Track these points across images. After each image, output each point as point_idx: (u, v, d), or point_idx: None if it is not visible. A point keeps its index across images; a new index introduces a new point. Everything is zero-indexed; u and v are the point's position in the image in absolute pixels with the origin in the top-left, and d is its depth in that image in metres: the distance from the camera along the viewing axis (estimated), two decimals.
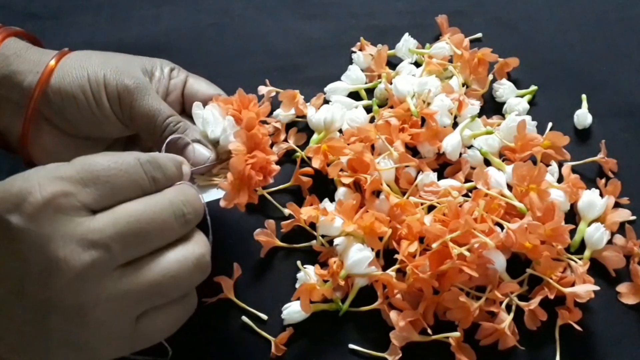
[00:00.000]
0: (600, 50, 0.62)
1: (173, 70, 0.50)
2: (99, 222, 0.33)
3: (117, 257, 0.33)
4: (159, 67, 0.49)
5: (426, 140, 0.52)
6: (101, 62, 0.46)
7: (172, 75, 0.50)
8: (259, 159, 0.44)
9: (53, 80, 0.44)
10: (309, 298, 0.46)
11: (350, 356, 0.46)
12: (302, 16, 0.66)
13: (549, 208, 0.46)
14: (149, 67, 0.49)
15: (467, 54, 0.57)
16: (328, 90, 0.58)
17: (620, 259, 0.48)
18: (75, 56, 0.47)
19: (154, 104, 0.45)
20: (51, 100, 0.44)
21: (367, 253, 0.46)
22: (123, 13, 0.67)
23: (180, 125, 0.46)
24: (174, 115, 0.46)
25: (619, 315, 0.47)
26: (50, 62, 0.45)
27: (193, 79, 0.51)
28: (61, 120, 0.45)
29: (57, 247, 0.32)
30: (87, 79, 0.44)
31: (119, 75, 0.45)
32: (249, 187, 0.44)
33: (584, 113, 0.56)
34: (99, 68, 0.45)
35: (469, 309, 0.44)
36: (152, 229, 0.34)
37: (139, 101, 0.45)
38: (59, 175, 0.33)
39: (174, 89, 0.50)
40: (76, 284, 0.32)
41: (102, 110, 0.45)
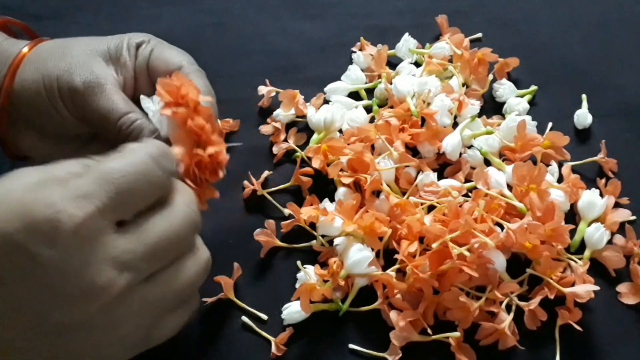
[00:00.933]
0: (600, 50, 0.62)
1: (140, 45, 0.46)
2: (129, 243, 0.32)
3: (145, 274, 0.33)
4: (125, 46, 0.46)
5: (426, 140, 0.52)
6: (57, 60, 0.44)
7: (138, 53, 0.46)
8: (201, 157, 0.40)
9: (16, 85, 0.43)
10: (309, 298, 0.46)
11: (350, 356, 0.46)
12: (302, 16, 0.66)
13: (549, 208, 0.46)
14: (114, 50, 0.45)
15: (467, 54, 0.57)
16: (328, 90, 0.58)
17: (620, 259, 0.48)
18: (35, 54, 0.45)
19: (105, 104, 0.42)
20: (16, 104, 0.44)
21: (367, 253, 0.46)
22: (123, 13, 0.67)
23: (134, 127, 0.42)
24: (129, 113, 0.43)
25: (619, 315, 0.47)
26: (14, 61, 0.44)
27: (158, 49, 0.46)
28: (30, 122, 0.45)
29: (94, 274, 0.31)
30: (42, 83, 0.43)
31: (70, 75, 0.43)
32: (201, 184, 0.41)
33: (584, 113, 0.56)
34: (54, 69, 0.43)
35: (469, 309, 0.44)
36: (174, 245, 0.34)
37: (89, 102, 0.42)
38: (81, 195, 0.31)
39: (142, 67, 0.46)
40: (110, 306, 0.31)
41: (61, 113, 0.43)
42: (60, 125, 0.45)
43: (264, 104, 0.59)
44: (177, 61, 0.46)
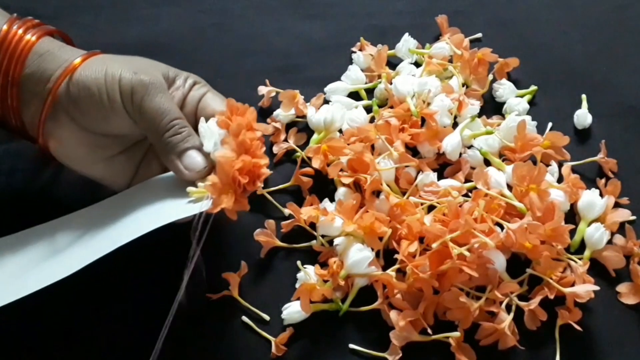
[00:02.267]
0: (600, 50, 0.62)
1: (196, 84, 0.50)
2: None
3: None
4: (183, 77, 0.49)
5: (426, 140, 0.52)
6: (124, 62, 0.46)
7: (193, 88, 0.49)
8: (245, 163, 0.43)
9: (76, 74, 0.45)
10: (309, 298, 0.46)
11: (350, 356, 0.46)
12: (302, 16, 0.66)
13: (549, 208, 0.46)
14: (172, 75, 0.49)
15: (467, 54, 0.57)
16: (328, 90, 0.58)
17: (620, 259, 0.48)
18: (102, 56, 0.47)
19: (164, 103, 0.45)
20: (70, 91, 0.45)
21: (367, 253, 0.46)
22: (123, 13, 0.67)
23: (184, 130, 0.45)
24: (181, 119, 0.46)
25: (619, 315, 0.47)
26: (76, 60, 0.46)
27: (212, 94, 0.50)
28: (76, 112, 0.46)
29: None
30: (104, 73, 0.45)
31: (136, 73, 0.45)
32: (236, 191, 0.43)
33: (583, 113, 0.56)
34: (119, 66, 0.46)
35: (469, 309, 0.44)
36: None
37: (151, 96, 0.45)
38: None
39: (191, 101, 0.49)
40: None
41: (112, 103, 0.45)
42: (104, 117, 0.45)
43: (264, 104, 0.59)
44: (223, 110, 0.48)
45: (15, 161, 0.56)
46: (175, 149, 0.45)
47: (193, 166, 0.44)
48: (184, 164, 0.44)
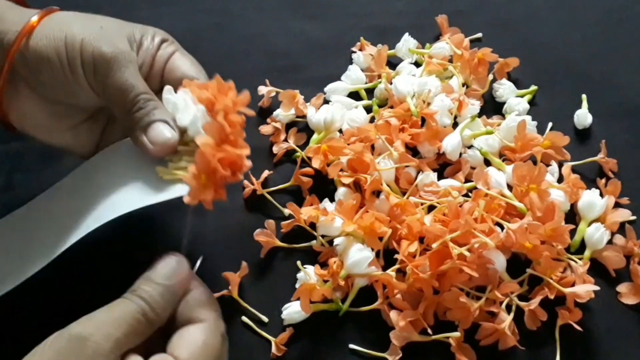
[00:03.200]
0: (600, 50, 0.62)
1: (164, 41, 0.47)
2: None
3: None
4: (150, 36, 0.46)
5: (426, 140, 0.52)
6: (84, 25, 0.43)
7: (161, 47, 0.46)
8: (228, 154, 0.40)
9: (31, 40, 0.42)
10: (309, 298, 0.46)
11: (350, 356, 0.46)
12: (302, 16, 0.66)
13: (549, 208, 0.46)
14: (138, 35, 0.45)
15: (467, 54, 0.57)
16: (328, 90, 0.58)
17: (621, 259, 0.48)
18: (58, 16, 0.44)
19: (129, 79, 0.42)
20: (27, 60, 0.42)
21: (367, 253, 0.46)
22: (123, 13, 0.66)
23: (149, 104, 0.42)
24: (147, 93, 0.43)
25: (619, 315, 0.47)
26: (31, 20, 0.42)
27: (180, 54, 0.47)
28: (36, 83, 0.44)
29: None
30: (64, 41, 0.42)
31: (98, 42, 0.42)
32: (215, 183, 0.40)
33: (584, 113, 0.56)
34: (79, 31, 0.42)
35: (469, 309, 0.44)
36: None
37: (115, 72, 0.42)
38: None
39: (159, 60, 0.46)
40: None
41: (76, 77, 0.43)
42: (68, 90, 0.44)
43: (264, 104, 0.59)
44: (192, 74, 0.46)
45: (16, 161, 0.56)
46: (140, 123, 0.42)
47: (158, 138, 0.41)
48: (149, 137, 0.41)
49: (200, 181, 0.39)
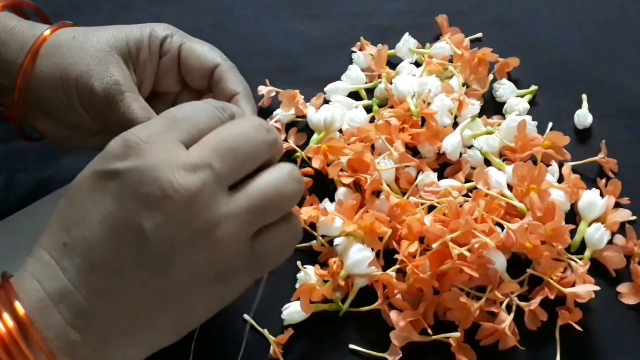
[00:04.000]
0: (600, 50, 0.62)
1: (165, 40, 0.46)
2: (196, 149, 0.33)
3: (222, 175, 0.33)
4: (147, 41, 0.45)
5: (426, 140, 0.52)
6: (75, 56, 0.43)
7: (163, 50, 0.46)
8: None
9: (35, 73, 0.43)
10: (309, 298, 0.46)
11: (350, 356, 0.46)
12: (302, 16, 0.66)
13: (549, 208, 0.46)
14: (134, 46, 0.44)
15: (468, 54, 0.57)
16: (328, 90, 0.58)
17: (621, 259, 0.48)
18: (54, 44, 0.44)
19: (127, 112, 0.42)
20: (33, 92, 0.44)
21: (367, 253, 0.46)
22: (123, 13, 0.67)
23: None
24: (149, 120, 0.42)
25: (619, 315, 0.47)
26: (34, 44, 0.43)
27: (187, 45, 0.46)
28: (45, 111, 0.45)
29: (167, 174, 0.32)
30: (60, 80, 0.43)
31: (90, 79, 0.42)
32: None
33: (584, 113, 0.56)
34: (72, 68, 0.43)
35: (469, 309, 0.44)
36: (246, 147, 0.34)
37: (110, 109, 0.42)
38: (148, 124, 0.34)
39: (169, 59, 0.46)
40: (195, 206, 0.32)
41: (78, 113, 0.44)
42: (75, 119, 0.45)
43: (264, 104, 0.59)
44: (211, 58, 0.46)
45: (16, 161, 0.56)
46: None
47: None
48: None
49: None
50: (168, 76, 0.47)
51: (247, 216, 0.34)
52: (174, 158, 0.32)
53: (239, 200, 0.34)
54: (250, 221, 0.34)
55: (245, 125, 0.36)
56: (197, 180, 0.32)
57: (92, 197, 0.32)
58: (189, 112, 0.35)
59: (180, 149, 0.33)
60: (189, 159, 0.33)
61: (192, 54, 0.46)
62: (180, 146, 0.33)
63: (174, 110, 0.35)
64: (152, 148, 0.33)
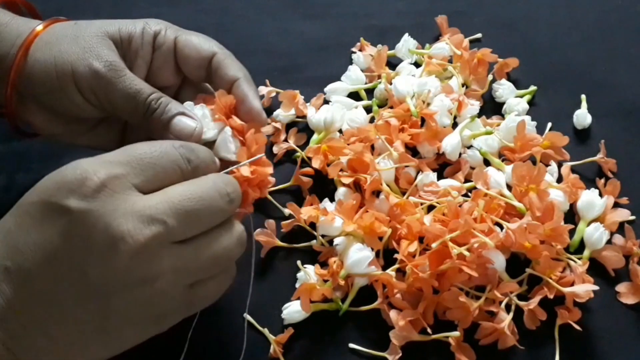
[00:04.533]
0: (600, 50, 0.62)
1: (159, 33, 0.46)
2: (153, 200, 0.34)
3: (174, 232, 0.34)
4: (139, 33, 0.45)
5: (426, 141, 0.52)
6: (70, 43, 0.43)
7: (157, 44, 0.46)
8: (259, 174, 0.43)
9: (28, 63, 0.43)
10: (309, 298, 0.46)
11: (350, 356, 0.46)
12: (302, 16, 0.66)
13: (549, 208, 0.46)
14: (126, 35, 0.45)
15: (467, 54, 0.57)
16: (328, 90, 0.58)
17: (620, 259, 0.48)
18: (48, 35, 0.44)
19: (132, 85, 0.43)
20: (26, 83, 0.44)
21: (367, 253, 0.46)
22: (123, 13, 0.67)
23: (161, 101, 0.43)
24: (154, 92, 0.43)
25: (618, 315, 0.47)
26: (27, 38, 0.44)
27: (182, 38, 0.46)
28: (40, 102, 0.45)
29: (120, 223, 0.32)
30: (54, 65, 0.43)
31: (87, 60, 0.42)
32: (245, 201, 0.42)
33: (583, 113, 0.56)
34: (67, 53, 0.43)
35: (468, 309, 0.44)
36: (202, 207, 0.35)
37: (115, 85, 0.42)
38: (108, 160, 0.34)
39: (163, 52, 0.46)
40: (141, 257, 0.33)
41: (71, 96, 0.43)
42: (69, 108, 0.45)
43: (264, 104, 0.59)
44: (207, 47, 0.46)
45: (17, 161, 0.56)
46: (160, 124, 0.43)
47: (183, 132, 0.42)
48: (175, 133, 0.42)
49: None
50: (165, 69, 0.46)
51: (191, 272, 0.35)
52: (129, 207, 0.33)
53: (185, 258, 0.35)
54: (192, 275, 0.36)
55: (209, 189, 0.36)
56: (148, 233, 0.33)
57: (40, 228, 0.33)
58: (155, 157, 0.36)
59: (137, 196, 0.34)
60: (144, 210, 0.33)
61: (188, 44, 0.46)
62: (137, 194, 0.34)
63: (139, 149, 0.36)
64: (108, 193, 0.33)
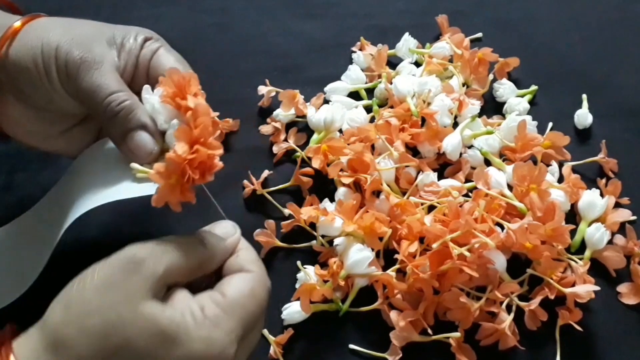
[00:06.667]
0: (600, 50, 0.62)
1: (148, 40, 0.45)
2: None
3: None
4: (133, 36, 0.44)
5: (426, 140, 0.52)
6: (62, 31, 0.42)
7: (145, 45, 0.44)
8: (198, 155, 0.37)
9: (11, 51, 0.42)
10: (309, 298, 0.46)
11: (350, 356, 0.46)
12: (302, 16, 0.66)
13: (550, 208, 0.46)
14: (120, 37, 0.44)
15: (468, 54, 0.57)
16: (328, 90, 0.58)
17: (621, 259, 0.48)
18: (39, 23, 0.44)
19: (97, 79, 0.40)
20: (8, 71, 0.42)
21: (367, 253, 0.46)
22: (123, 13, 0.67)
23: (124, 105, 0.40)
24: (120, 92, 0.41)
25: (619, 315, 0.47)
26: (13, 27, 0.42)
27: (164, 50, 0.45)
28: (18, 91, 0.43)
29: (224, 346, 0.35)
30: (41, 49, 0.41)
31: (71, 46, 0.41)
32: (182, 184, 0.38)
33: (584, 113, 0.56)
34: (55, 38, 0.42)
35: (469, 309, 0.44)
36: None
37: (83, 75, 0.40)
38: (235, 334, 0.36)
39: (143, 60, 0.44)
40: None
41: (52, 83, 0.42)
42: (49, 99, 0.43)
43: (264, 104, 0.59)
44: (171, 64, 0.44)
45: (16, 161, 0.56)
46: (120, 130, 0.40)
47: (140, 151, 0.40)
48: (130, 147, 0.40)
49: (169, 182, 0.37)
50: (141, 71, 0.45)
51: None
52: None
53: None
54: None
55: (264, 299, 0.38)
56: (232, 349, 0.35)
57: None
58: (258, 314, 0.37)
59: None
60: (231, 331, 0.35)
61: (161, 58, 0.44)
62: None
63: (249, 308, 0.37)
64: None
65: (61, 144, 0.46)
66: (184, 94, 0.39)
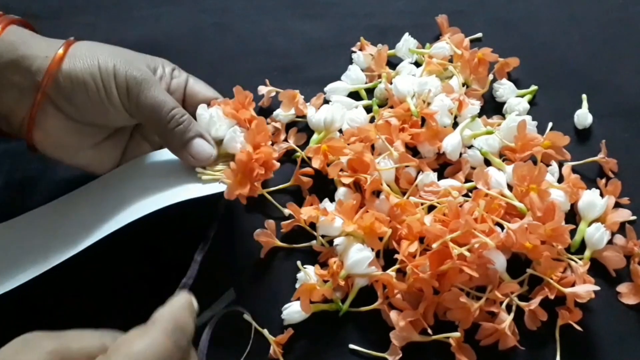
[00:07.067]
0: (600, 50, 0.62)
1: (174, 70, 0.51)
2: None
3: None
4: (161, 65, 0.50)
5: (426, 140, 0.52)
6: (110, 52, 0.47)
7: (173, 75, 0.51)
8: (264, 154, 0.47)
9: (64, 66, 0.45)
10: (309, 298, 0.46)
11: (350, 356, 0.46)
12: (302, 16, 0.66)
13: (549, 208, 0.46)
14: (152, 64, 0.49)
15: (467, 54, 0.57)
16: (328, 90, 0.58)
17: (621, 259, 0.48)
18: (85, 44, 0.47)
19: (159, 96, 0.46)
20: (61, 85, 0.45)
21: (367, 253, 0.46)
22: (123, 13, 0.67)
23: (185, 119, 0.47)
24: (178, 107, 0.47)
25: (619, 315, 0.47)
26: (60, 49, 0.45)
27: (193, 80, 0.52)
28: (69, 105, 0.46)
29: None
30: (98, 66, 0.45)
31: (128, 66, 0.46)
32: (250, 180, 0.47)
33: (584, 113, 0.56)
34: (109, 58, 0.46)
35: (469, 309, 0.44)
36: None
37: (146, 92, 0.46)
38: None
39: (177, 88, 0.51)
40: None
41: (111, 98, 0.45)
42: (101, 111, 0.46)
43: (264, 104, 0.59)
44: (211, 94, 0.52)
45: (16, 161, 0.56)
46: (181, 140, 0.46)
47: (201, 155, 0.47)
48: (192, 153, 0.47)
49: (237, 179, 0.46)
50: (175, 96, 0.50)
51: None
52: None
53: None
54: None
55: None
56: None
57: None
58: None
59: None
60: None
61: (196, 87, 0.52)
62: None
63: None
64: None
65: (89, 157, 0.49)
66: (245, 108, 0.51)
